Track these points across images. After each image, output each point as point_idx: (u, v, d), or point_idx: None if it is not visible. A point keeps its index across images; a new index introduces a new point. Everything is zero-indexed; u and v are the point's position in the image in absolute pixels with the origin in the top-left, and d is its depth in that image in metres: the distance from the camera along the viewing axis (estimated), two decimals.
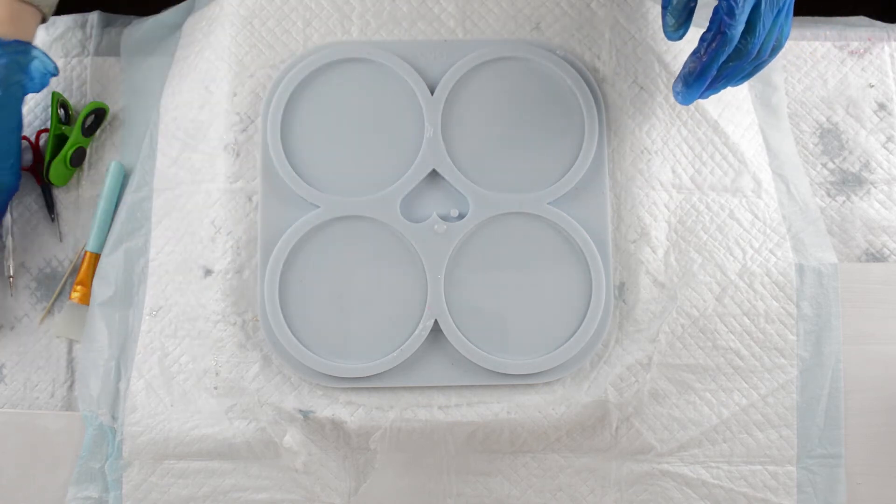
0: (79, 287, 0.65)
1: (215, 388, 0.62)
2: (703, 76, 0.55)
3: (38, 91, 0.64)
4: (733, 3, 0.52)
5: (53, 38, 0.71)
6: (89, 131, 0.68)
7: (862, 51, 0.71)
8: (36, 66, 0.63)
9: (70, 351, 0.66)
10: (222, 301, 0.64)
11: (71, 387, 0.65)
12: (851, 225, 0.67)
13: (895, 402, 0.64)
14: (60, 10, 0.72)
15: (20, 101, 0.63)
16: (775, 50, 0.56)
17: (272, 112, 0.65)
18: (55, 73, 0.65)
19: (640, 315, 0.64)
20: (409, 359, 0.62)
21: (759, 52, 0.55)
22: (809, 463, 0.63)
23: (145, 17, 0.71)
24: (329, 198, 0.64)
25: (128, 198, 0.66)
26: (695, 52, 0.55)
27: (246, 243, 0.64)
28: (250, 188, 0.65)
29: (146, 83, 0.69)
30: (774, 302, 0.63)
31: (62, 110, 0.68)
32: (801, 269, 0.64)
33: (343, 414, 0.61)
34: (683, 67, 0.56)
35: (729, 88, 0.67)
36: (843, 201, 0.68)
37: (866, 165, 0.68)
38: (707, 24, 0.55)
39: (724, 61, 0.55)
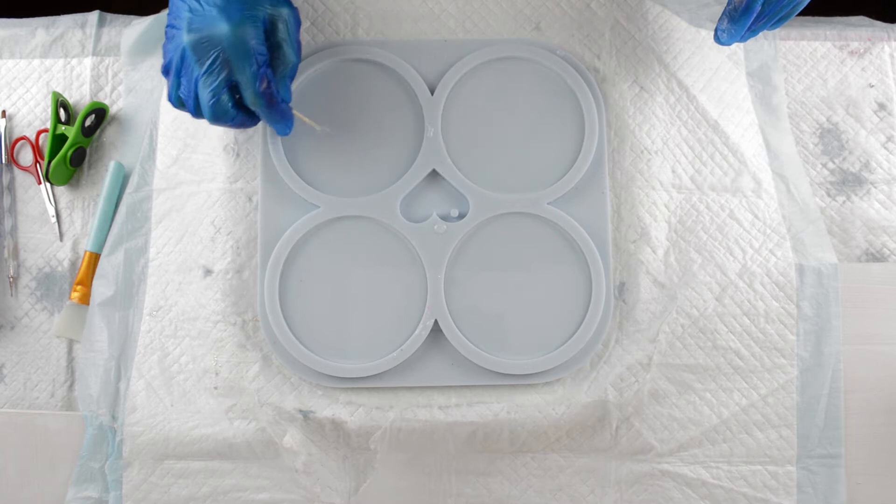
0: (79, 287, 0.65)
1: (215, 388, 0.62)
2: (749, 10, 0.56)
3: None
4: None
5: (53, 38, 0.70)
6: (89, 131, 0.68)
7: (862, 51, 0.70)
8: None
9: (70, 351, 0.66)
10: (222, 301, 0.64)
11: (71, 387, 0.65)
12: (851, 225, 0.67)
13: (895, 402, 0.64)
14: (60, 10, 0.72)
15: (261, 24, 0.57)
16: None
17: None
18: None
19: (640, 315, 0.64)
20: (409, 359, 0.62)
21: None
22: (809, 463, 0.62)
23: (145, 17, 0.70)
24: (329, 198, 0.64)
25: (128, 198, 0.66)
26: None
27: (246, 243, 0.64)
28: (250, 188, 0.65)
29: (146, 83, 0.69)
30: (774, 302, 0.63)
31: (62, 110, 0.68)
32: (801, 269, 0.64)
33: (343, 414, 0.61)
34: (728, 4, 0.57)
35: (728, 88, 0.67)
36: (843, 201, 0.68)
37: (866, 165, 0.68)
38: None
39: None
